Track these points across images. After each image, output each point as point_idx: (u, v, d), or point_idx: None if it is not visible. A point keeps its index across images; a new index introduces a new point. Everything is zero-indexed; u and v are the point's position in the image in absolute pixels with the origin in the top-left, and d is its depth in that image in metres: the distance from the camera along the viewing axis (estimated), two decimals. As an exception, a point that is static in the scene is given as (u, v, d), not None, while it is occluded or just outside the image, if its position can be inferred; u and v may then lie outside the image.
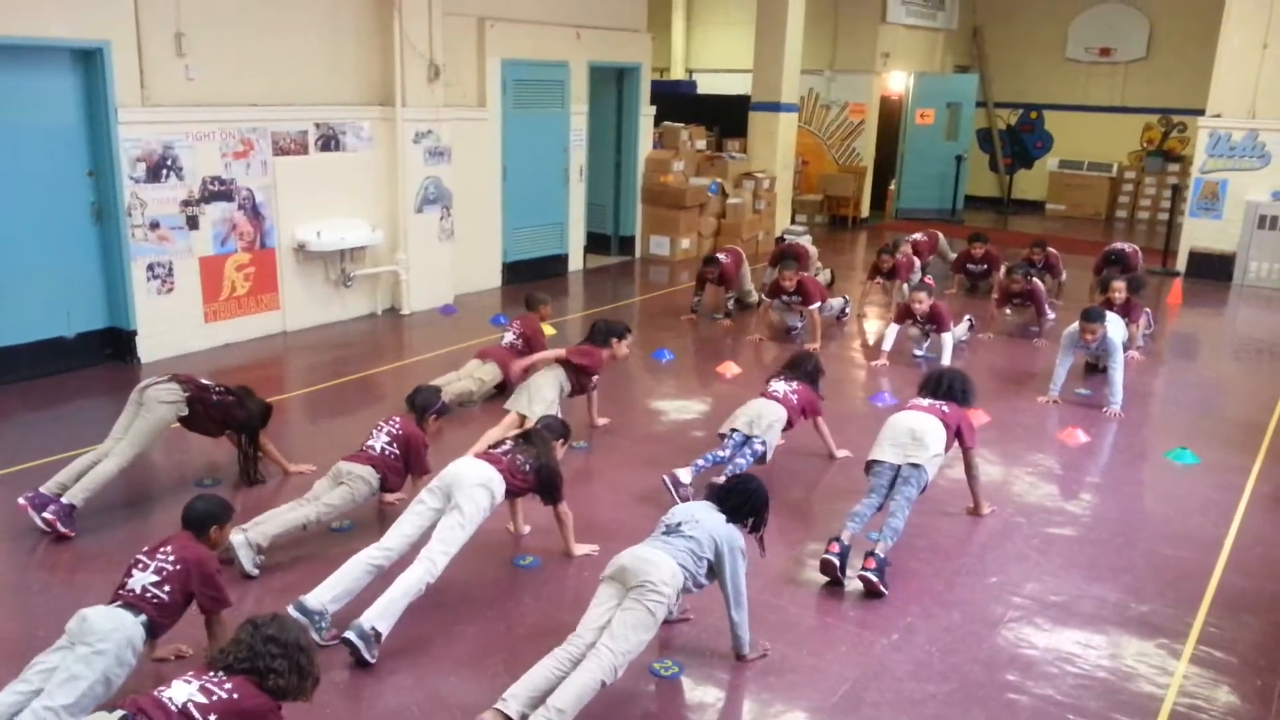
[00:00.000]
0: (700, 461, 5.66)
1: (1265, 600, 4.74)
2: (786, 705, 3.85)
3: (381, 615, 3.95)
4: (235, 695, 2.88)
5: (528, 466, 4.53)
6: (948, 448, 5.13)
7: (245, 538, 4.59)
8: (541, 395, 6.12)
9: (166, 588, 3.60)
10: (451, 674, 3.96)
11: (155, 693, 2.87)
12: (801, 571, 4.86)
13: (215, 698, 2.85)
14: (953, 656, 4.21)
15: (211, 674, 2.93)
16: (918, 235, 11.54)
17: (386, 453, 5.04)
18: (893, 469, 4.96)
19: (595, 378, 6.47)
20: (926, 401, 5.28)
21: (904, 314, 8.44)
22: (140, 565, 3.67)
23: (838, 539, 4.76)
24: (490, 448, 4.70)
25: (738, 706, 3.89)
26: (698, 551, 3.82)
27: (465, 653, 4.10)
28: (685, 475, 5.50)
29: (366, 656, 3.91)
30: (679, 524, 3.89)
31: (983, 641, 4.33)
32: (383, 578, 4.16)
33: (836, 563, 4.69)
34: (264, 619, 3.04)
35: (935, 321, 8.29)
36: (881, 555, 4.66)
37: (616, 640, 3.55)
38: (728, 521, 3.94)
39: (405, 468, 5.11)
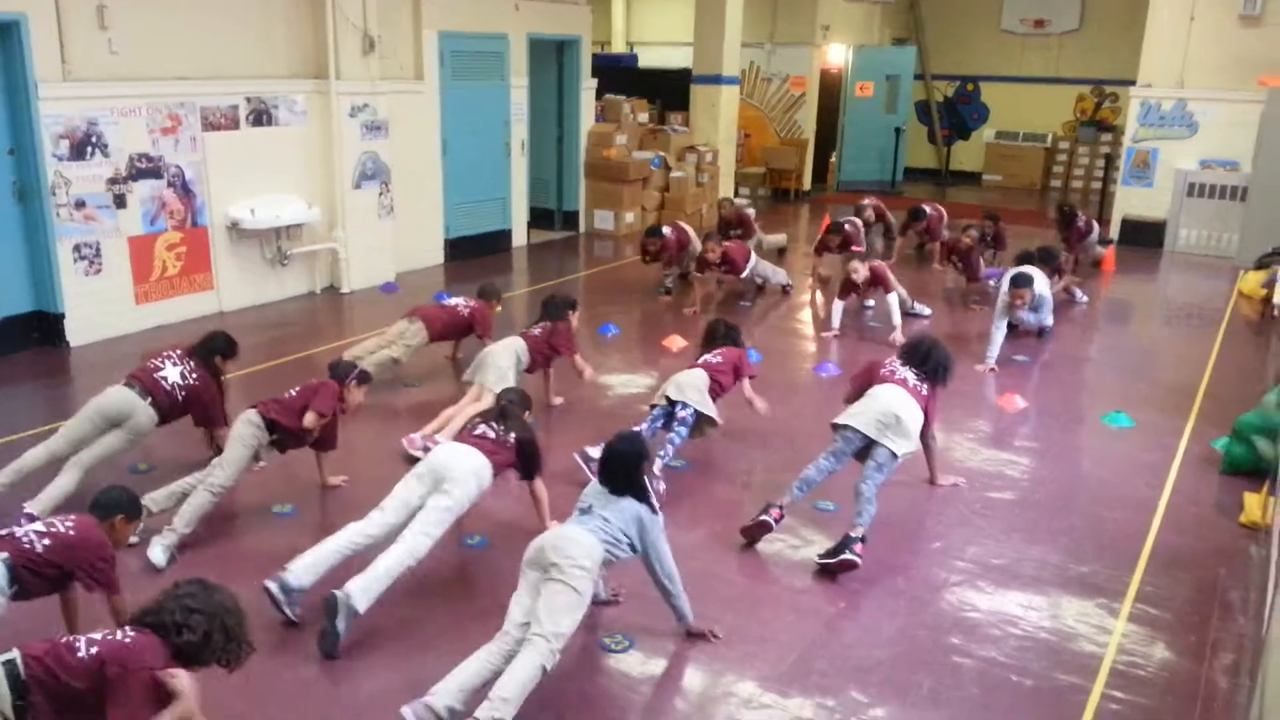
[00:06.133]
0: None
1: (1198, 558, 4.87)
2: (737, 675, 3.88)
3: (363, 593, 3.89)
4: (127, 641, 2.88)
5: (510, 439, 4.50)
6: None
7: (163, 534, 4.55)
8: (496, 364, 6.04)
9: (46, 541, 3.43)
10: (400, 658, 3.91)
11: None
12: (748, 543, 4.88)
13: (107, 638, 2.88)
14: (898, 622, 4.27)
15: (129, 626, 2.96)
16: (868, 202, 11.56)
17: (286, 395, 4.93)
18: (863, 440, 4.90)
19: (559, 356, 6.43)
20: (912, 380, 5.11)
21: (849, 288, 8.45)
22: (33, 520, 3.58)
23: (780, 506, 4.82)
24: (467, 430, 4.64)
25: (689, 679, 3.90)
26: (615, 528, 3.75)
27: (415, 636, 4.06)
28: (596, 451, 5.44)
29: (339, 626, 3.84)
30: (589, 505, 3.82)
31: (927, 606, 4.39)
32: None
33: (773, 525, 4.77)
34: (186, 580, 3.02)
35: (879, 284, 8.37)
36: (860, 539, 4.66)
37: (546, 625, 3.46)
38: (635, 497, 3.83)
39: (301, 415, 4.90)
